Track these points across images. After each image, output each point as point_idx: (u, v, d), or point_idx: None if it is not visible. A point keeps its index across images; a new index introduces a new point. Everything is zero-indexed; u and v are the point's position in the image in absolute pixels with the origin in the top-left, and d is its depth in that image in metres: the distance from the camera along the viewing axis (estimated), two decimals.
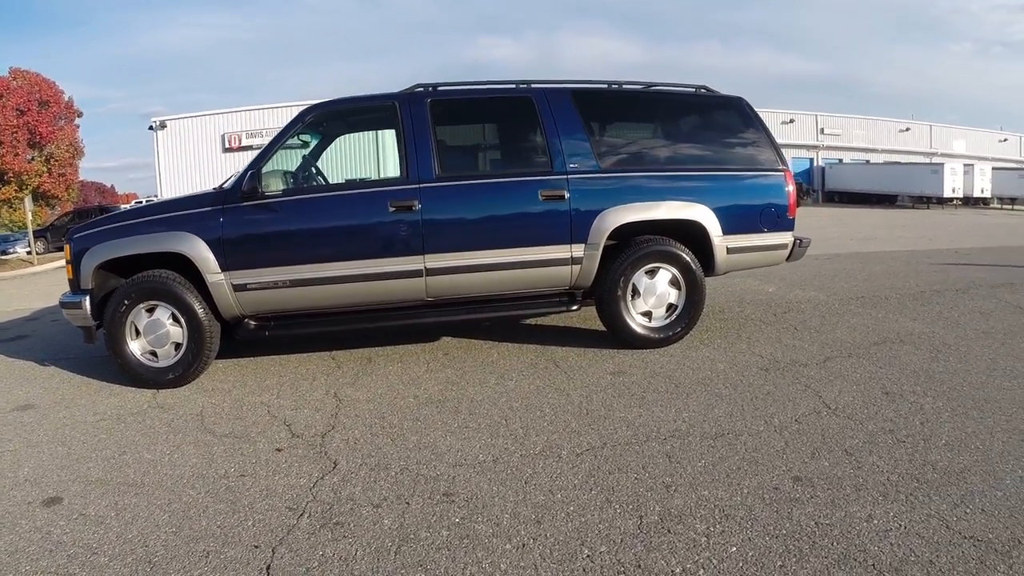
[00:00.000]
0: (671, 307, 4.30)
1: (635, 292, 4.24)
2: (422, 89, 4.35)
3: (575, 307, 4.27)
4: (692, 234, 4.24)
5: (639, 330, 4.26)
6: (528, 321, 5.30)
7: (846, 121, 41.09)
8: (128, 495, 2.65)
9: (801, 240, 4.55)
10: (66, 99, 21.99)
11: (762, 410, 3.13)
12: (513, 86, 4.45)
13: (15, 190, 19.07)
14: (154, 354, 4.13)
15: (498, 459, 2.78)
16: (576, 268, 4.15)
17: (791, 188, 4.43)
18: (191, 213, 4.11)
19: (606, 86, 4.58)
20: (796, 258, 4.62)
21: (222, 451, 3.09)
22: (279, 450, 3.06)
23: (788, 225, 4.44)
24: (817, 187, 37.09)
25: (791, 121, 40.26)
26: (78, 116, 22.96)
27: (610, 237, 4.16)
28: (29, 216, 19.01)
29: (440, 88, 4.39)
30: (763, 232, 4.39)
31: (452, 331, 5.06)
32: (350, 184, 4.96)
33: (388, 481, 2.65)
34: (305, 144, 4.96)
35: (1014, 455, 2.60)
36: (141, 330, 4.09)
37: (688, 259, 4.22)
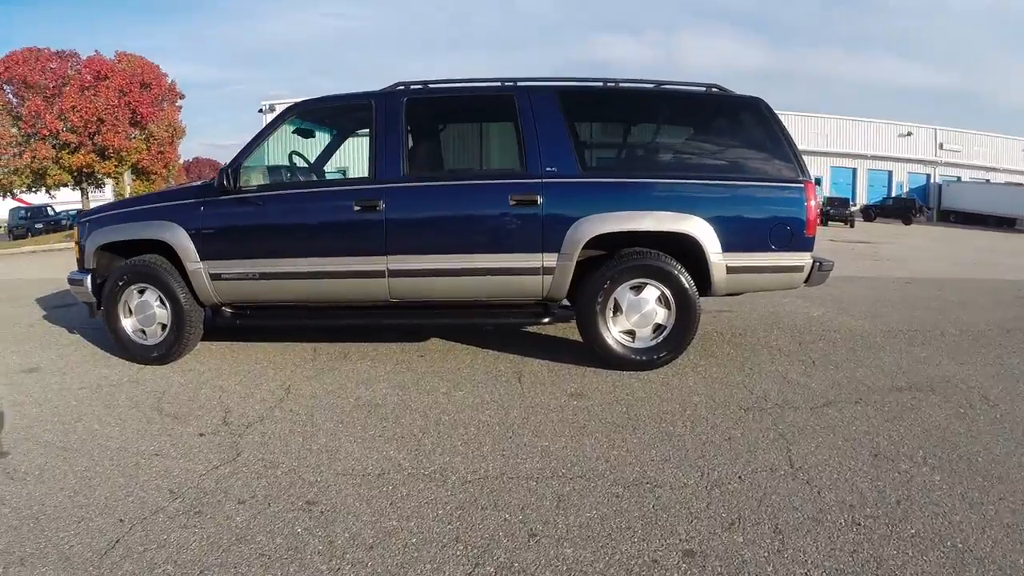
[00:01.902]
0: (659, 328, 4.11)
1: (617, 308, 4.09)
2: (402, 87, 4.43)
3: (547, 320, 4.22)
4: (687, 249, 4.02)
5: (618, 349, 4.11)
6: (530, 329, 5.28)
7: (967, 137, 39.57)
8: (57, 459, 3.04)
9: (822, 263, 4.23)
10: (169, 81, 24.77)
11: (707, 459, 2.89)
12: (498, 84, 4.39)
13: (114, 165, 21.63)
14: (143, 332, 4.60)
15: (384, 474, 2.79)
16: (548, 279, 4.07)
17: (811, 203, 4.10)
18: (178, 204, 4.53)
19: (601, 84, 4.44)
20: (816, 283, 4.32)
21: (156, 429, 3.39)
22: (201, 435, 3.29)
23: (805, 244, 4.13)
24: (932, 205, 36.53)
25: (909, 134, 40.53)
26: (180, 98, 25.74)
27: (594, 247, 4.06)
28: (128, 190, 21.49)
29: (417, 87, 4.47)
30: (772, 251, 4.09)
31: (443, 332, 5.14)
32: (321, 182, 5.11)
33: (267, 480, 2.76)
34: (307, 136, 5.25)
35: (1004, 565, 2.12)
36: (133, 309, 4.57)
37: (679, 276, 4.00)
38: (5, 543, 2.31)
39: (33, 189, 23.11)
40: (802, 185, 4.12)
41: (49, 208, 30.16)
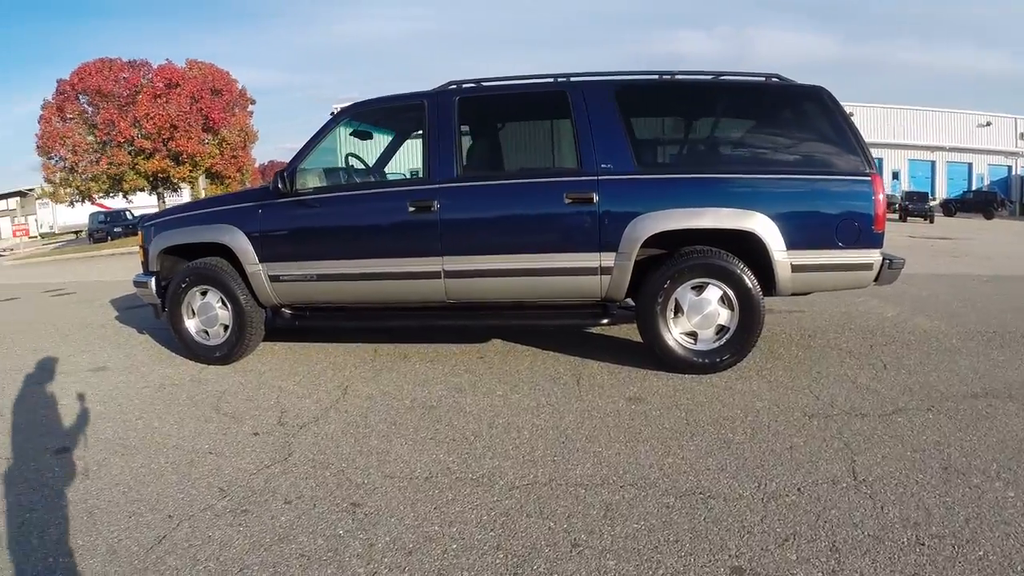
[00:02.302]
0: (721, 329, 4.09)
1: (678, 309, 4.08)
2: (454, 86, 4.53)
3: (606, 321, 4.26)
4: (750, 247, 3.99)
5: (679, 352, 4.10)
6: (592, 330, 5.28)
7: None
8: (115, 455, 3.29)
9: (892, 260, 4.12)
10: (239, 87, 26.10)
11: (766, 469, 2.82)
12: (551, 80, 4.43)
13: (189, 170, 22.96)
14: (206, 333, 4.90)
15: (431, 477, 2.85)
16: (606, 279, 4.10)
17: (880, 197, 3.99)
18: (237, 208, 4.80)
19: (656, 77, 4.44)
20: (886, 281, 4.22)
21: (212, 428, 3.61)
22: (256, 434, 3.46)
23: (874, 241, 4.03)
24: (1015, 198, 35.83)
25: (987, 124, 40.04)
26: (251, 103, 27.08)
27: (654, 246, 4.07)
28: (203, 193, 22.76)
29: (470, 85, 4.55)
30: (839, 248, 4.01)
31: (503, 334, 5.20)
32: (375, 183, 5.24)
33: (315, 480, 2.87)
34: (364, 138, 5.41)
35: None
36: (196, 310, 4.88)
37: (742, 276, 3.97)
38: (58, 534, 2.53)
39: (111, 194, 24.84)
40: (869, 178, 4.02)
41: (127, 212, 32.33)
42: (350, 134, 5.39)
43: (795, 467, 2.83)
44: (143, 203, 31.86)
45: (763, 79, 4.36)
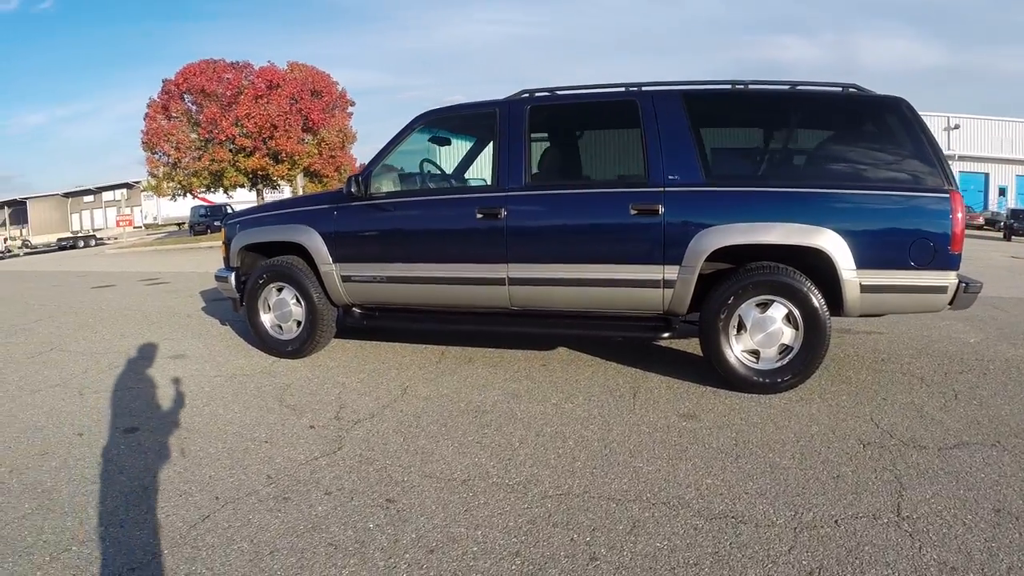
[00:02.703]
0: (785, 348, 4.10)
1: (741, 326, 4.11)
2: (527, 95, 4.70)
3: (667, 335, 4.31)
4: (818, 265, 3.98)
5: (740, 370, 4.12)
6: (660, 343, 5.32)
7: None
8: (179, 437, 3.68)
9: (969, 284, 4.05)
10: (339, 90, 27.42)
11: (806, 497, 2.81)
12: (622, 89, 4.53)
13: (287, 168, 24.27)
14: (280, 327, 5.31)
15: (469, 480, 2.99)
16: (668, 292, 4.17)
17: (958, 216, 3.92)
18: (314, 209, 5.17)
19: (729, 87, 4.46)
20: (962, 305, 4.16)
21: (272, 419, 3.93)
22: (312, 427, 3.73)
23: (950, 262, 3.96)
24: None
25: None
26: (351, 105, 28.33)
27: (720, 260, 4.12)
28: (300, 191, 24.02)
29: (543, 94, 4.71)
30: (912, 269, 3.96)
31: (570, 343, 5.32)
32: (446, 189, 5.40)
33: (357, 475, 3.09)
34: (443, 144, 5.65)
35: None
36: (271, 306, 5.31)
37: (808, 294, 3.98)
38: (112, 507, 2.86)
39: (212, 190, 26.63)
40: (947, 195, 3.95)
41: (227, 207, 34.57)
42: (428, 140, 5.65)
43: (838, 497, 2.82)
44: (243, 199, 34.05)
45: (840, 89, 4.35)
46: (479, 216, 4.46)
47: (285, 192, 33.46)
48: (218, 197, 31.44)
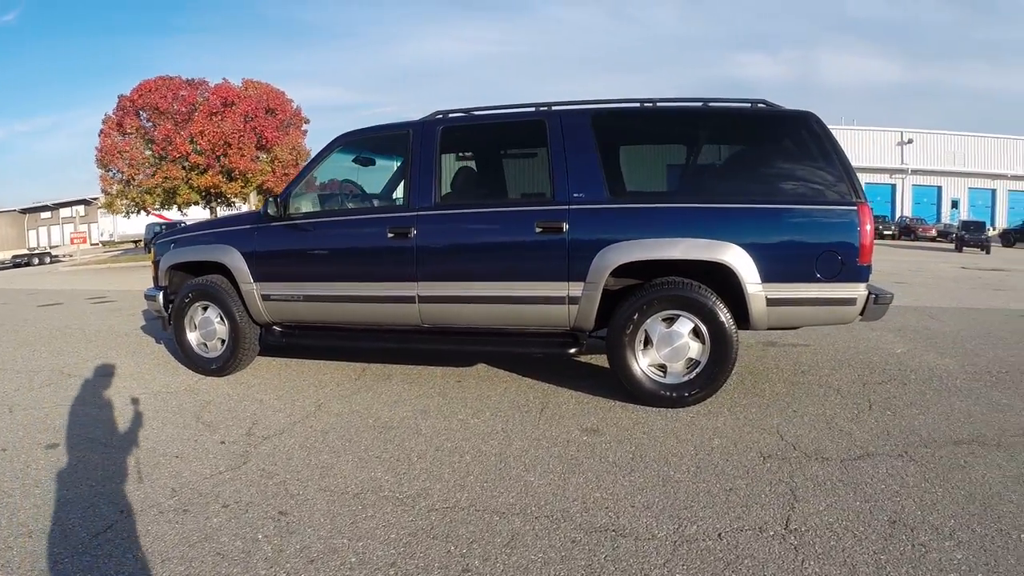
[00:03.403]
0: (692, 363, 4.08)
1: (648, 341, 4.11)
2: (440, 116, 4.77)
3: (574, 350, 4.29)
4: (725, 279, 3.98)
5: (647, 384, 4.11)
6: (582, 358, 5.38)
7: None
8: (96, 453, 3.67)
9: (878, 295, 4.02)
10: (294, 107, 27.16)
11: (693, 511, 2.81)
12: (532, 109, 4.57)
13: (240, 186, 23.98)
14: (206, 345, 5.28)
15: (361, 494, 3.04)
16: (574, 308, 4.17)
17: (866, 228, 3.91)
18: (236, 229, 5.17)
19: (637, 105, 4.49)
20: (873, 316, 4.13)
21: (187, 435, 3.93)
22: (223, 443, 3.76)
23: (858, 274, 3.95)
24: None
25: None
26: (305, 123, 28.15)
27: (628, 276, 4.14)
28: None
29: (456, 115, 4.77)
30: (820, 282, 3.94)
31: (490, 359, 5.38)
32: (359, 210, 5.41)
33: (257, 488, 3.12)
34: (366, 165, 5.70)
35: None
36: (197, 324, 5.28)
37: (713, 308, 3.97)
38: (24, 519, 2.88)
39: (165, 207, 26.13)
40: (855, 207, 3.95)
41: (183, 224, 33.83)
42: (352, 161, 5.70)
43: (726, 510, 2.80)
44: (199, 216, 33.42)
45: (749, 105, 4.38)
46: (390, 235, 4.48)
47: (242, 209, 33.02)
48: (174, 214, 30.85)
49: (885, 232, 38.24)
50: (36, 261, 40.80)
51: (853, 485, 3.02)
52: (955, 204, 45.56)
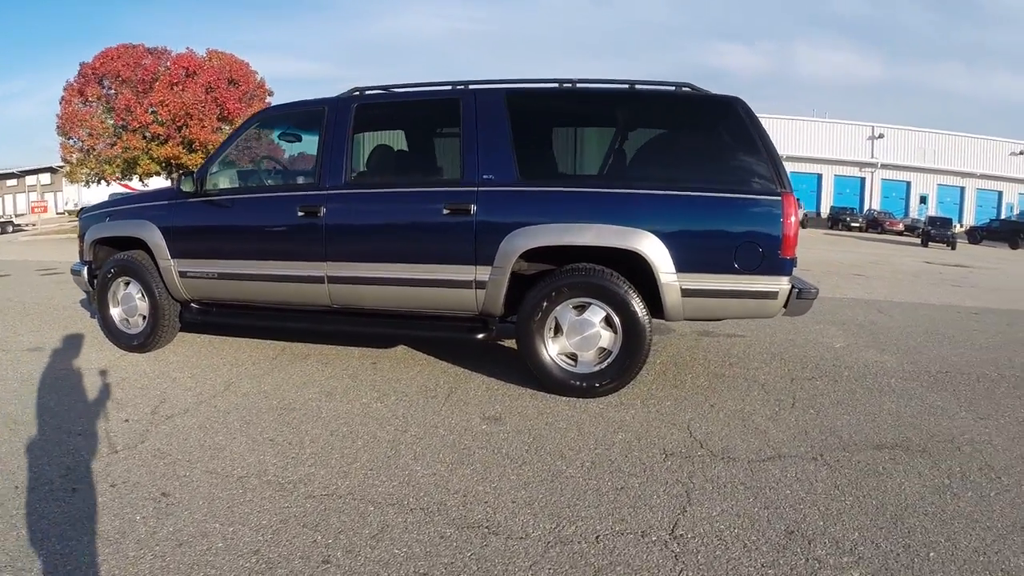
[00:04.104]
0: (604, 352, 3.96)
1: (559, 329, 3.99)
2: (357, 93, 4.65)
3: (482, 336, 4.19)
4: (640, 267, 3.84)
5: (556, 373, 4.00)
6: (505, 343, 5.24)
7: None
8: (5, 429, 3.61)
9: (802, 289, 3.86)
10: (258, 79, 26.52)
11: (576, 510, 2.68)
12: (448, 88, 4.41)
13: (201, 157, 23.49)
14: (128, 321, 5.21)
15: (245, 477, 3.02)
16: (481, 293, 4.06)
17: (790, 219, 3.72)
18: (155, 204, 5.06)
19: (556, 85, 4.30)
20: (797, 311, 3.97)
21: (94, 412, 3.88)
22: (126, 421, 3.75)
23: (780, 267, 3.78)
24: None
25: (1021, 153, 41.22)
26: (269, 95, 27.57)
27: (542, 260, 4.05)
28: None
29: (374, 92, 4.65)
30: (739, 273, 3.79)
31: (412, 341, 5.30)
32: (273, 187, 5.33)
33: (147, 469, 3.11)
34: (292, 141, 5.61)
35: None
36: (119, 300, 5.19)
37: (624, 297, 3.83)
38: None
39: (126, 177, 25.41)
40: (779, 197, 3.76)
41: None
42: (278, 137, 5.63)
43: (611, 511, 2.67)
44: (162, 186, 32.62)
45: (673, 88, 4.20)
46: (300, 214, 4.37)
47: None
48: (136, 184, 30.12)
49: (853, 224, 38.66)
50: None
51: (755, 489, 2.85)
52: (923, 200, 46.01)
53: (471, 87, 4.32)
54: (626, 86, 4.26)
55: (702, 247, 3.84)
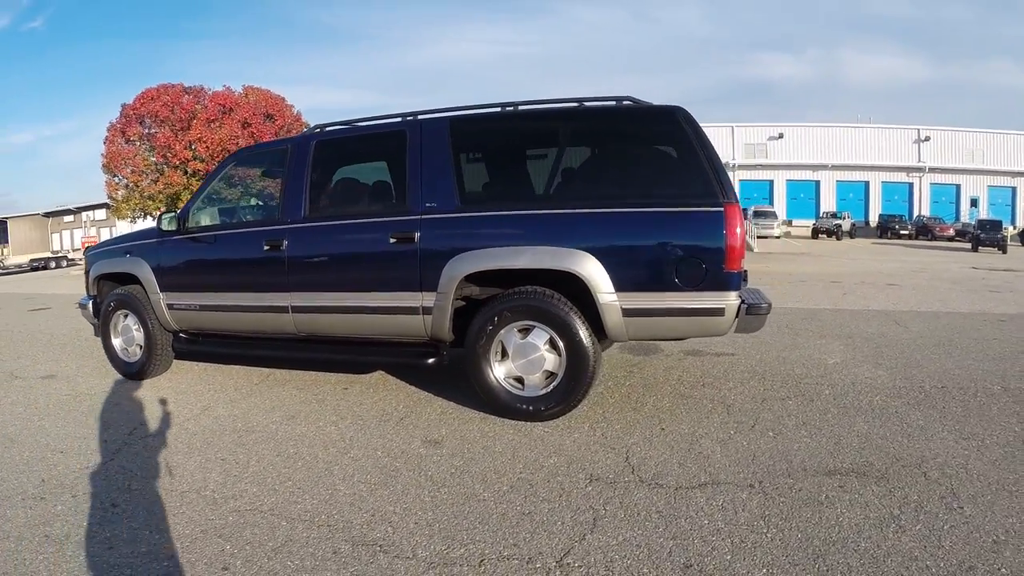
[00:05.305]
0: (550, 375, 3.98)
1: (505, 352, 4.06)
2: (318, 130, 5.04)
3: (431, 361, 4.31)
4: (581, 289, 3.81)
5: (503, 397, 4.05)
6: None
7: None
8: (2, 447, 4.04)
9: (751, 305, 3.75)
10: (295, 112, 27.57)
11: (475, 534, 2.73)
12: (398, 120, 4.58)
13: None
14: (127, 351, 5.69)
15: (187, 492, 3.30)
16: (428, 318, 4.18)
17: (734, 231, 3.60)
18: (148, 243, 5.51)
19: (498, 110, 4.37)
20: (749, 328, 3.89)
21: (81, 432, 4.32)
22: (105, 441, 4.15)
23: (725, 282, 3.66)
24: None
25: None
26: (305, 128, 28.53)
27: (489, 285, 4.15)
28: None
29: (330, 128, 5.02)
30: (681, 290, 3.69)
31: (391, 367, 5.46)
32: (242, 223, 5.71)
33: (107, 482, 3.47)
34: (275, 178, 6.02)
35: None
36: (119, 331, 5.67)
37: (566, 319, 3.83)
38: None
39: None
40: (720, 209, 3.63)
41: None
42: (261, 174, 6.09)
43: (508, 535, 2.67)
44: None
45: (613, 103, 4.16)
46: (266, 248, 4.67)
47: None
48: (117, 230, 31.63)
49: (902, 232, 37.72)
50: (53, 265, 41.27)
51: (670, 518, 2.75)
52: (974, 203, 44.56)
53: (419, 117, 4.48)
54: (565, 105, 4.28)
55: (641, 265, 3.78)
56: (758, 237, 31.98)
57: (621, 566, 2.40)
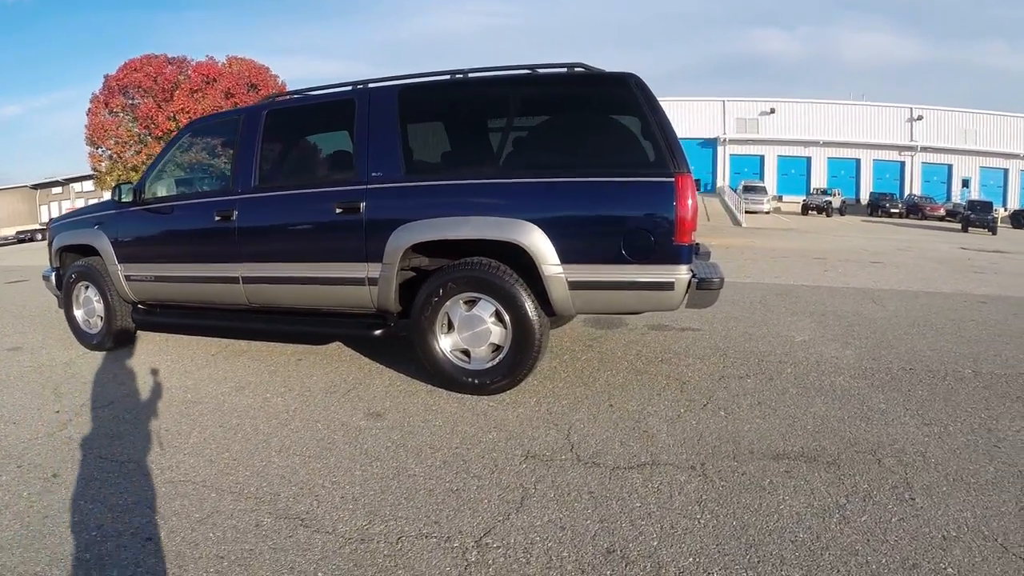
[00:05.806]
0: (496, 348, 3.97)
1: (451, 324, 4.05)
2: (270, 100, 5.08)
3: (378, 332, 4.32)
4: (526, 260, 3.75)
5: (449, 369, 4.05)
6: None
7: None
8: None
9: (702, 279, 3.65)
10: (279, 82, 27.37)
11: (398, 510, 2.73)
12: (348, 88, 4.53)
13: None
14: (88, 322, 5.78)
15: (127, 463, 3.39)
16: (374, 289, 4.16)
17: (686, 202, 3.51)
18: (106, 214, 5.57)
19: (448, 77, 4.23)
20: (701, 303, 3.83)
21: (35, 404, 4.42)
22: (57, 412, 4.24)
23: (676, 255, 3.58)
24: None
25: None
26: None
27: (437, 255, 4.12)
28: None
29: (280, 98, 5.07)
30: (629, 263, 3.61)
31: (349, 339, 5.43)
32: (195, 194, 5.58)
33: (53, 452, 3.58)
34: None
35: None
36: (81, 303, 5.76)
37: (511, 291, 3.79)
38: None
39: None
40: (671, 179, 3.53)
41: None
42: (222, 144, 6.12)
43: (431, 512, 2.65)
44: None
45: (564, 70, 4.03)
46: (217, 218, 4.69)
47: None
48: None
49: (892, 210, 37.94)
50: (40, 237, 40.68)
51: (602, 499, 2.67)
52: (966, 183, 44.83)
53: (368, 86, 4.43)
54: (500, 74, 4.19)
55: (587, 236, 3.71)
56: (747, 212, 32.09)
57: (540, 548, 2.34)
